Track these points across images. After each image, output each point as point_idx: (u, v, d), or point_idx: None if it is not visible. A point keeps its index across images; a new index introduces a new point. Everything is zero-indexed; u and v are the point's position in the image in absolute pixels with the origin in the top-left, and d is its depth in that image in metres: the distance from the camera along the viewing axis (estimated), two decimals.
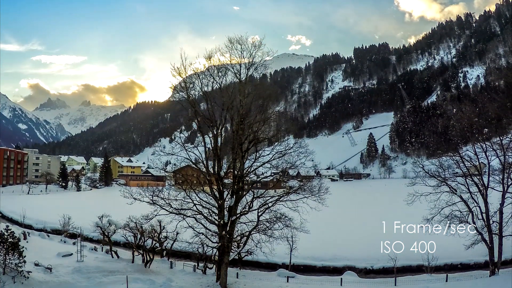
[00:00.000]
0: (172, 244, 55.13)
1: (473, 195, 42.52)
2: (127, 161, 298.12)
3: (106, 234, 57.31)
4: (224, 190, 43.45)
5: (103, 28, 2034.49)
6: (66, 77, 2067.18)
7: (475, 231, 42.11)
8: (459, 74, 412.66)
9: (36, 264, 44.59)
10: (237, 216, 42.67)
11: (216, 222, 42.33)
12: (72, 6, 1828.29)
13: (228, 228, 41.97)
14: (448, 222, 42.76)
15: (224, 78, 44.30)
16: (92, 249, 60.01)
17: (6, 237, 38.80)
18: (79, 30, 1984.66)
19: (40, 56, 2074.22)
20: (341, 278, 47.84)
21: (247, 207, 43.00)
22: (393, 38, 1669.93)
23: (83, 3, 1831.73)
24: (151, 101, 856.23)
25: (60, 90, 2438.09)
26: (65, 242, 66.42)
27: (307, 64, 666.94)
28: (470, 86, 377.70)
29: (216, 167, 43.36)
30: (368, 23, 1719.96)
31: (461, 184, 43.05)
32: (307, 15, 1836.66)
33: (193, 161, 45.65)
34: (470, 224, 42.27)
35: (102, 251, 60.30)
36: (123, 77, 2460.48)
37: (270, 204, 42.89)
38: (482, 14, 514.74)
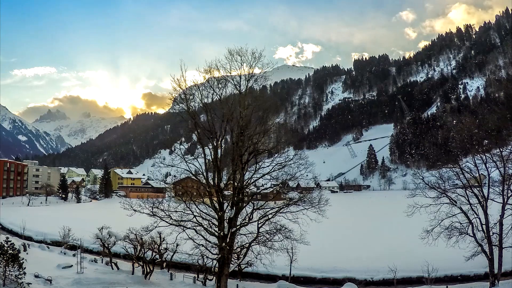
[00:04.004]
0: (172, 255, 55.04)
1: (473, 207, 42.48)
2: (127, 173, 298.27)
3: (106, 245, 57.31)
4: (224, 201, 43.40)
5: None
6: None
7: (475, 243, 42.07)
8: (459, 85, 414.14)
9: (36, 276, 44.54)
10: (237, 227, 42.61)
11: (216, 233, 42.25)
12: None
13: (228, 239, 41.91)
14: (448, 233, 42.72)
15: (224, 89, 44.40)
16: (92, 261, 59.93)
17: (6, 248, 38.76)
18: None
19: None
20: None
21: (247, 219, 42.92)
22: (350, 44, 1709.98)
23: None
24: (151, 113, 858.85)
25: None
26: (65, 253, 66.33)
27: (307, 76, 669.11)
28: (470, 98, 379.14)
29: (216, 178, 43.36)
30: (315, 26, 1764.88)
31: (461, 195, 43.00)
32: (242, 18, 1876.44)
33: (193, 173, 45.60)
34: (470, 235, 42.26)
35: (102, 262, 60.22)
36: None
37: (270, 216, 42.81)
38: (482, 25, 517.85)
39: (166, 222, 42.65)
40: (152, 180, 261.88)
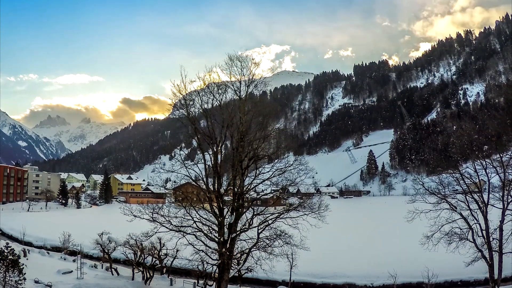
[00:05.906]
0: (172, 261, 55.04)
1: (473, 212, 42.43)
2: (127, 178, 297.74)
3: (106, 251, 57.24)
4: (224, 207, 43.33)
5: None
6: None
7: (475, 248, 42.02)
8: (459, 91, 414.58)
9: (36, 281, 44.46)
10: (237, 233, 42.55)
11: (216, 239, 42.20)
12: None
13: (228, 245, 41.85)
14: (448, 239, 42.67)
15: (224, 95, 44.38)
16: (92, 266, 59.90)
17: (6, 254, 38.67)
18: None
19: None
20: None
21: (247, 224, 42.85)
22: (327, 44, 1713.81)
23: None
24: (151, 119, 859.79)
25: None
26: (65, 259, 66.30)
27: (307, 81, 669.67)
28: (470, 103, 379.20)
29: (216, 184, 43.32)
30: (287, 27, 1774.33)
31: (461, 201, 42.97)
32: (208, 21, 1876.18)
33: (193, 178, 45.60)
34: (470, 241, 42.20)
35: (102, 268, 60.21)
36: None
37: (270, 221, 42.75)
38: (482, 31, 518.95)
39: (166, 227, 42.58)
40: (152, 185, 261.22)
